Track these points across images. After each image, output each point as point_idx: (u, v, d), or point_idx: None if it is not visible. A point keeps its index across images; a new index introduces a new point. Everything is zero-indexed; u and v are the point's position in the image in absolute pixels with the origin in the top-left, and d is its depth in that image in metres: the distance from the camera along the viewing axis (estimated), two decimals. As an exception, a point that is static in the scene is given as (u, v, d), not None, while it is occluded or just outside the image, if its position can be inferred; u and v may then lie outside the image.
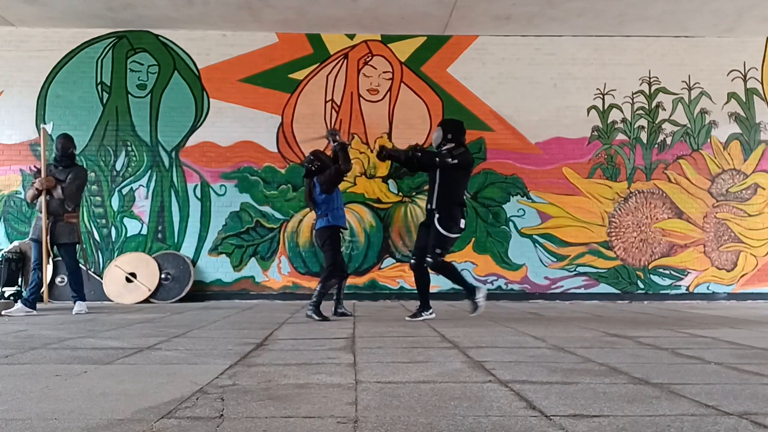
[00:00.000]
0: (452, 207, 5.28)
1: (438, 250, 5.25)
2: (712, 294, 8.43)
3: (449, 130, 5.44)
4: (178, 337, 4.04)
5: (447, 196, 5.28)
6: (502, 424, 1.82)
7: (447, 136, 5.40)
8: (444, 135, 5.41)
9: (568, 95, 8.57)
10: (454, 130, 5.45)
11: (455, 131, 5.45)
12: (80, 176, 6.27)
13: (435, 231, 5.27)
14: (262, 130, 8.40)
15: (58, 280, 8.02)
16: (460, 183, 5.36)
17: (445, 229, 5.25)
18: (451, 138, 5.39)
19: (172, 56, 8.47)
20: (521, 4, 7.64)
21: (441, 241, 5.28)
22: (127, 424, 1.82)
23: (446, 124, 5.58)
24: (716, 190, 8.56)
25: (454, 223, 5.27)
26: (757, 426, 1.81)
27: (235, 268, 8.25)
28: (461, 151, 5.35)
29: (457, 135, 5.43)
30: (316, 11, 7.80)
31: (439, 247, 5.27)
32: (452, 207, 5.28)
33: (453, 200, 5.31)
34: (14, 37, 8.35)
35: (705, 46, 8.66)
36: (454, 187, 5.31)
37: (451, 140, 5.39)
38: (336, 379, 2.53)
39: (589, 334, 4.29)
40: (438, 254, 5.25)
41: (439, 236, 5.26)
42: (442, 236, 5.26)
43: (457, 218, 5.28)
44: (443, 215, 5.26)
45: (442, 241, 5.28)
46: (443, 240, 5.28)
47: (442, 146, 5.41)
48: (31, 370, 2.76)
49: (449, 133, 5.40)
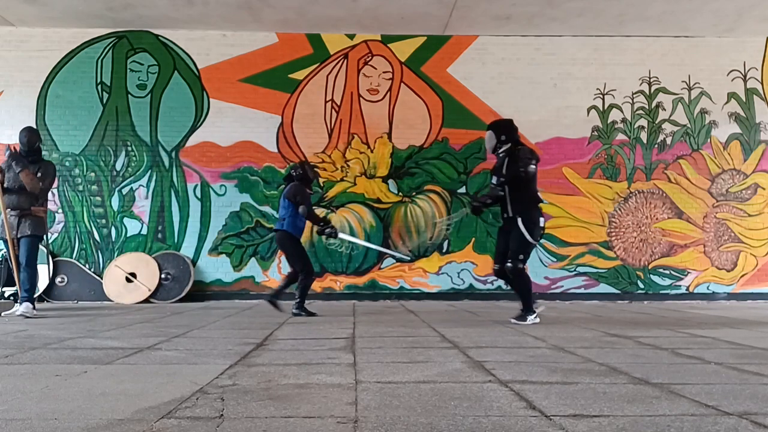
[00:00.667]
0: (531, 209, 5.09)
1: (521, 256, 5.07)
2: (712, 294, 8.43)
3: (502, 131, 5.26)
4: (178, 337, 4.04)
5: (524, 198, 5.08)
6: (502, 424, 1.82)
7: (501, 137, 5.22)
8: (497, 137, 5.23)
9: (568, 95, 8.56)
10: (506, 131, 5.26)
11: (507, 131, 5.27)
12: (51, 172, 6.02)
13: (519, 236, 5.05)
14: (262, 130, 8.40)
15: (58, 280, 8.03)
16: (532, 181, 5.14)
17: (528, 231, 5.03)
18: (505, 139, 5.21)
19: (172, 56, 8.47)
20: (521, 4, 7.64)
21: (524, 247, 5.08)
22: (127, 424, 1.82)
23: (497, 127, 5.36)
24: (716, 190, 8.56)
25: (536, 226, 5.06)
26: (757, 426, 1.81)
27: (235, 268, 8.25)
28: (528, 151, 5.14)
29: (511, 134, 5.25)
30: (316, 11, 7.80)
31: (522, 252, 5.08)
32: (531, 209, 5.09)
33: (531, 200, 5.11)
34: (14, 37, 8.35)
35: (705, 46, 8.66)
36: (527, 187, 5.10)
37: (505, 141, 5.20)
38: (336, 379, 2.53)
39: (589, 334, 4.29)
40: (521, 260, 5.06)
41: (523, 242, 5.05)
42: (525, 242, 5.05)
43: (537, 220, 5.07)
44: (527, 221, 5.03)
45: (525, 246, 5.08)
46: (526, 245, 5.08)
47: (498, 149, 5.24)
48: (31, 370, 2.76)
49: (503, 135, 5.23)
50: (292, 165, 6.25)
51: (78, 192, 8.26)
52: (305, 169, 6.10)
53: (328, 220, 6.38)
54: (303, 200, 5.85)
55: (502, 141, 5.22)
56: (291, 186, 6.01)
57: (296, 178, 6.05)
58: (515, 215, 5.09)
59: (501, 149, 5.23)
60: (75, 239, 8.20)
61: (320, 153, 8.42)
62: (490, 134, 5.32)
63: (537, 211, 5.11)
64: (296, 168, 6.14)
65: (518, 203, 5.10)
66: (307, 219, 5.93)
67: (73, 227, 8.22)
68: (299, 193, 5.89)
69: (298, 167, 6.13)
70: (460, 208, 8.40)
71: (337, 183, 8.39)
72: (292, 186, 5.99)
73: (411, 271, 8.35)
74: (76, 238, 8.21)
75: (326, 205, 8.35)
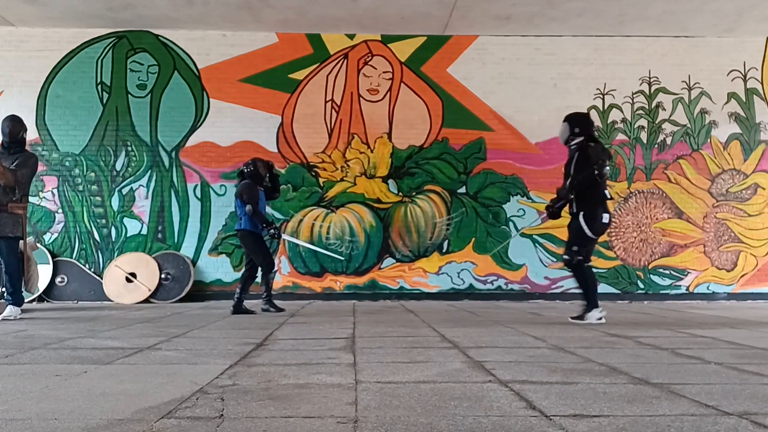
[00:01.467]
0: (597, 206, 5.00)
1: (575, 248, 5.01)
2: (712, 294, 8.43)
3: (576, 124, 5.19)
4: (178, 337, 4.04)
5: (589, 196, 5.01)
6: (502, 424, 1.82)
7: (574, 130, 5.15)
8: (571, 129, 5.17)
9: (568, 95, 8.56)
10: (581, 124, 5.20)
11: (583, 124, 5.21)
12: (30, 163, 5.55)
13: (577, 228, 5.02)
14: (262, 130, 8.40)
15: (58, 280, 8.03)
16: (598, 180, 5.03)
17: (588, 226, 4.96)
18: (579, 132, 5.14)
19: (172, 56, 8.47)
20: (521, 4, 7.64)
21: (581, 238, 5.02)
22: (127, 424, 1.82)
23: (572, 119, 5.28)
24: (716, 190, 8.56)
25: (597, 222, 4.99)
26: (757, 426, 1.81)
27: (235, 268, 8.24)
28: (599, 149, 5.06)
29: (586, 128, 5.18)
30: (316, 11, 7.80)
31: (577, 244, 5.02)
32: (597, 206, 5.00)
33: (597, 198, 5.02)
34: (14, 37, 8.34)
35: (705, 46, 8.66)
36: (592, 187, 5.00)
37: (579, 134, 5.13)
38: (336, 379, 2.53)
39: (589, 334, 4.29)
40: (574, 252, 5.01)
41: (579, 233, 5.01)
42: (582, 234, 4.99)
43: (599, 216, 4.99)
44: (588, 216, 4.98)
45: (581, 238, 5.01)
46: (583, 238, 5.01)
47: (571, 141, 5.18)
48: (31, 370, 2.76)
49: (576, 127, 5.16)
50: (246, 163, 6.24)
51: (78, 192, 8.26)
52: (257, 166, 6.13)
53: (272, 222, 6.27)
54: (249, 199, 5.91)
55: (575, 133, 5.15)
56: (242, 184, 6.09)
57: (247, 175, 6.11)
58: (578, 211, 5.05)
59: (573, 142, 5.16)
60: (75, 239, 8.20)
61: (320, 153, 8.42)
62: (565, 126, 5.25)
63: (601, 207, 5.02)
64: (248, 165, 6.17)
65: (583, 201, 5.03)
66: (251, 217, 5.94)
67: (73, 227, 8.22)
68: (245, 191, 5.96)
69: (250, 164, 6.16)
70: (459, 208, 8.41)
71: (337, 183, 8.39)
72: (243, 184, 6.07)
73: (411, 271, 8.35)
74: (76, 238, 8.21)
75: (326, 205, 8.35)
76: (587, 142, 5.08)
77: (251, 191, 5.97)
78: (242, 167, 6.26)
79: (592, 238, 5.07)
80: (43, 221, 8.19)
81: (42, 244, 8.02)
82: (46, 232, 8.18)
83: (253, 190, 6.00)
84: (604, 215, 5.02)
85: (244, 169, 6.18)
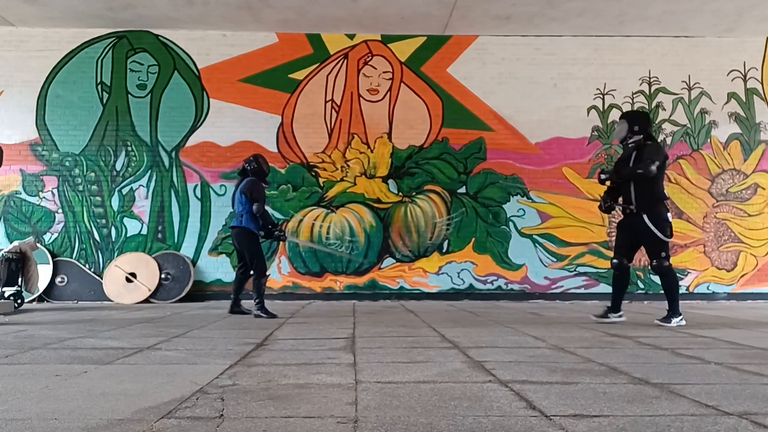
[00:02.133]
0: (658, 205, 4.98)
1: (663, 254, 4.96)
2: (712, 294, 8.43)
3: (635, 122, 5.14)
4: (178, 337, 4.04)
5: (649, 195, 4.95)
6: (502, 424, 1.82)
7: (633, 128, 5.10)
8: (630, 127, 5.12)
9: (568, 95, 8.57)
10: (640, 122, 5.15)
11: (642, 123, 5.14)
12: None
13: (652, 236, 4.95)
14: (262, 130, 8.40)
15: (58, 280, 8.03)
16: (659, 178, 5.01)
17: (662, 233, 4.93)
18: (638, 130, 5.09)
19: (172, 56, 8.47)
20: (521, 4, 7.64)
21: (662, 245, 4.97)
22: (127, 424, 1.82)
23: (632, 117, 5.25)
24: (716, 190, 8.56)
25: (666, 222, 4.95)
26: (757, 426, 1.81)
27: (235, 268, 8.22)
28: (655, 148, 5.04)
29: (645, 126, 5.13)
30: (316, 11, 7.80)
31: (663, 250, 4.96)
32: (658, 205, 4.98)
33: (656, 197, 4.99)
34: (14, 37, 8.35)
35: (705, 46, 8.66)
36: (653, 183, 4.97)
37: (638, 132, 5.09)
38: (336, 379, 2.53)
39: (589, 334, 4.29)
40: (664, 258, 4.95)
41: (658, 241, 4.96)
42: (660, 240, 4.95)
43: (665, 216, 4.97)
44: (654, 217, 4.94)
45: (662, 244, 4.97)
46: (663, 243, 4.97)
47: (628, 139, 5.14)
48: (31, 370, 2.76)
49: (636, 125, 5.11)
50: (248, 159, 6.00)
51: (78, 192, 8.26)
52: (259, 163, 5.90)
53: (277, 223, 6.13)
54: (258, 197, 5.69)
55: (634, 131, 5.11)
56: (247, 181, 5.82)
57: (251, 172, 5.86)
58: (639, 211, 4.98)
59: (631, 140, 5.13)
60: (75, 239, 8.20)
61: (320, 153, 8.42)
62: (623, 123, 5.21)
63: (663, 206, 5.00)
64: (250, 162, 5.92)
65: (642, 199, 4.98)
66: (259, 217, 5.75)
67: (73, 227, 8.22)
68: (255, 190, 5.73)
69: (252, 161, 5.92)
70: (459, 208, 8.41)
71: (337, 183, 8.39)
72: (248, 181, 5.80)
73: (411, 271, 8.35)
74: (76, 238, 8.21)
75: (326, 205, 8.35)
76: (645, 140, 5.06)
77: (259, 189, 5.75)
78: (244, 164, 6.03)
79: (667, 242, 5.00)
80: (43, 221, 8.20)
81: (42, 244, 8.03)
82: (46, 232, 8.18)
83: (260, 188, 5.79)
84: (668, 215, 4.99)
85: (246, 166, 5.95)
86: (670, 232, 5.00)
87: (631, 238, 5.14)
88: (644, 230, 4.96)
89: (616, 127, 5.32)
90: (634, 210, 5.01)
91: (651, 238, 4.96)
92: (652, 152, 4.94)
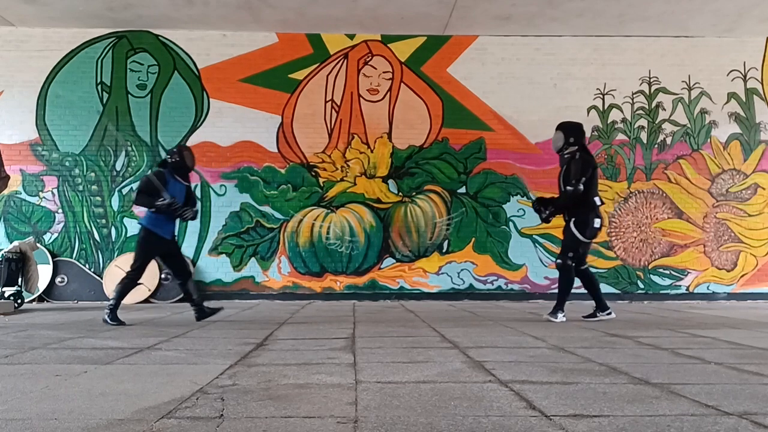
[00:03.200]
0: (588, 213, 5.23)
1: (570, 254, 5.25)
2: (712, 294, 8.43)
3: (571, 133, 5.39)
4: (178, 337, 4.04)
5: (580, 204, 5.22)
6: (502, 424, 1.82)
7: (569, 139, 5.36)
8: (566, 139, 5.37)
9: (568, 95, 8.56)
10: (575, 134, 5.40)
11: (577, 134, 5.40)
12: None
13: (570, 234, 5.27)
14: (262, 130, 8.40)
15: (58, 280, 8.03)
16: (590, 187, 5.24)
17: (579, 232, 5.22)
18: (573, 141, 5.35)
19: (172, 56, 8.47)
20: (521, 4, 7.64)
21: (574, 243, 5.25)
22: (127, 424, 1.82)
23: (567, 128, 5.47)
24: (716, 190, 8.56)
25: (588, 226, 5.22)
26: (757, 426, 1.81)
27: (235, 268, 8.25)
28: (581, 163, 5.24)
29: (579, 138, 5.39)
30: (316, 11, 7.80)
31: (572, 249, 5.25)
32: (588, 213, 5.23)
33: (587, 206, 5.23)
34: (14, 37, 8.34)
35: (705, 46, 8.66)
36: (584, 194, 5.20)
37: (573, 143, 5.34)
38: (336, 379, 2.53)
39: (589, 334, 4.29)
40: (569, 257, 5.25)
41: (573, 239, 5.25)
42: (576, 239, 5.24)
43: (590, 222, 5.23)
44: (577, 221, 5.24)
45: (575, 243, 5.25)
46: (577, 242, 5.25)
47: (564, 150, 5.38)
48: (31, 370, 2.76)
49: (571, 137, 5.37)
50: (170, 151, 5.32)
51: (78, 192, 8.26)
52: (183, 156, 5.20)
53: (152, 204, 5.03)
54: (138, 191, 5.07)
55: (569, 143, 5.36)
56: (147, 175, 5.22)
57: (171, 165, 5.20)
58: (569, 218, 5.30)
59: (567, 151, 5.37)
60: (75, 239, 8.20)
61: (320, 153, 8.42)
62: (558, 134, 5.45)
63: (592, 213, 5.25)
64: (173, 154, 5.23)
65: (573, 208, 5.27)
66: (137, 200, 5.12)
67: (73, 227, 8.21)
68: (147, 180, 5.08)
69: (176, 153, 5.22)
70: (459, 208, 8.41)
71: (337, 183, 8.39)
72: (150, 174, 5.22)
73: (411, 271, 8.34)
74: (76, 238, 8.20)
75: (326, 205, 8.35)
76: (579, 152, 5.32)
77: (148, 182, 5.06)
78: (166, 155, 5.35)
79: (586, 242, 5.32)
80: (43, 221, 8.19)
81: (42, 244, 8.02)
82: (46, 232, 8.18)
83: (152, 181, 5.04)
84: (596, 221, 5.26)
85: (168, 158, 5.23)
86: (590, 235, 5.29)
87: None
88: (567, 230, 5.32)
89: (554, 136, 5.55)
90: (566, 218, 5.34)
91: (569, 236, 5.29)
92: (577, 169, 5.22)
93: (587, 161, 5.31)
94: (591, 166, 5.29)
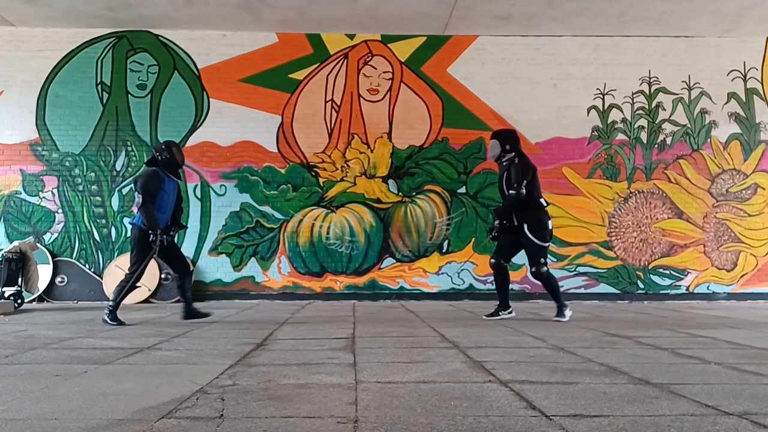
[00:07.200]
0: (538, 214, 5.34)
1: (541, 260, 5.31)
2: (712, 294, 8.43)
3: (506, 141, 5.52)
4: (178, 337, 4.04)
5: (526, 207, 5.32)
6: (502, 424, 1.82)
7: (505, 147, 5.48)
8: (503, 147, 5.49)
9: (568, 95, 8.57)
10: (511, 141, 5.53)
11: (512, 141, 5.53)
12: None
13: (530, 243, 5.32)
14: (262, 130, 8.40)
15: (57, 280, 8.03)
16: (533, 189, 5.36)
17: (540, 239, 5.30)
18: (509, 149, 5.48)
19: (172, 56, 8.47)
20: (521, 4, 7.64)
21: (539, 250, 5.33)
22: (127, 424, 1.82)
23: (502, 136, 5.61)
24: (716, 190, 8.56)
25: (545, 229, 5.33)
26: (757, 426, 1.81)
27: (235, 268, 8.25)
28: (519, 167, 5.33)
29: (515, 144, 5.52)
30: (316, 11, 7.80)
31: (540, 256, 5.32)
32: (538, 214, 5.34)
33: (534, 207, 5.34)
34: (14, 37, 8.35)
35: (705, 46, 8.66)
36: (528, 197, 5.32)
37: (509, 150, 5.47)
38: (336, 379, 2.53)
39: (589, 334, 4.29)
40: (542, 264, 5.30)
41: (535, 246, 5.32)
42: (537, 246, 5.32)
43: (545, 223, 5.34)
44: (532, 224, 5.30)
45: (539, 249, 5.33)
46: (540, 248, 5.33)
47: (502, 158, 5.50)
48: (31, 370, 2.76)
49: (507, 144, 5.49)
50: (158, 147, 5.18)
51: (78, 192, 8.26)
52: (173, 153, 5.10)
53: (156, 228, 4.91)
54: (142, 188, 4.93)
55: (506, 150, 5.48)
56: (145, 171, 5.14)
57: (161, 162, 5.09)
58: (521, 223, 5.34)
59: (504, 158, 5.50)
60: (75, 239, 8.20)
61: (320, 153, 8.42)
62: (494, 143, 5.57)
63: (542, 213, 5.36)
64: (162, 151, 5.10)
65: (522, 212, 5.34)
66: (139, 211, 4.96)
67: (73, 227, 8.21)
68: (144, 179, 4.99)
69: (165, 150, 5.09)
70: (459, 208, 8.41)
71: (337, 183, 8.39)
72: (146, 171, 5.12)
73: (411, 271, 8.35)
74: (76, 238, 8.21)
75: (326, 205, 8.35)
76: (517, 157, 5.43)
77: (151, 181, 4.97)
78: (154, 151, 5.20)
79: (545, 246, 5.38)
80: (43, 221, 8.19)
81: (42, 244, 8.02)
82: (46, 232, 8.18)
83: (155, 180, 5.00)
84: (548, 222, 5.38)
85: (157, 155, 5.12)
86: (549, 237, 5.39)
87: (513, 241, 5.48)
88: (524, 239, 5.35)
89: (490, 145, 5.67)
90: (515, 223, 5.39)
91: (530, 245, 5.35)
92: (517, 174, 5.33)
93: (526, 164, 5.42)
94: (530, 168, 5.41)
